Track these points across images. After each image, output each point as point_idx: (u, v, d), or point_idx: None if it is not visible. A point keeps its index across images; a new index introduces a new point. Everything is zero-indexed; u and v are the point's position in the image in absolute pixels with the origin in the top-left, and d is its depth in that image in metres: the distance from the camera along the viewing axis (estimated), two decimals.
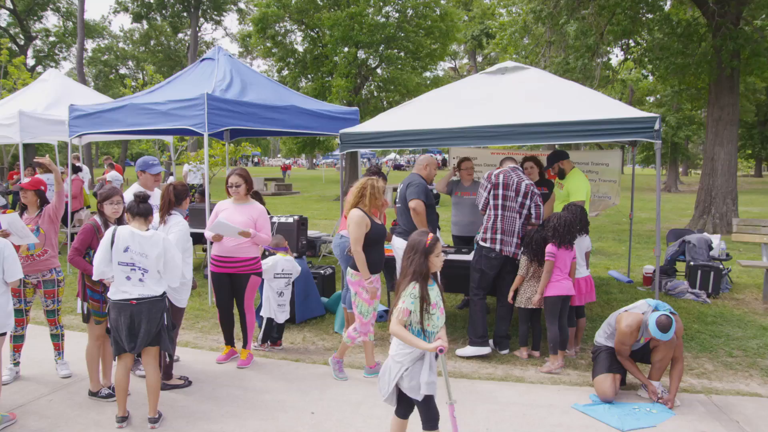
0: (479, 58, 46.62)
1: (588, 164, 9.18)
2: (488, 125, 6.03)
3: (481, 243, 6.00)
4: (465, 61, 52.09)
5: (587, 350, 6.03)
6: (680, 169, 42.36)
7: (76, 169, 12.46)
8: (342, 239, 6.36)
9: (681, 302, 7.93)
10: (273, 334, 6.21)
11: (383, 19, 26.33)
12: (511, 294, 5.90)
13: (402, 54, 27.02)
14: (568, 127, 5.76)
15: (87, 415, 4.64)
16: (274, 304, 6.09)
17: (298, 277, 6.46)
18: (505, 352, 6.03)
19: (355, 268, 5.19)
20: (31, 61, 45.65)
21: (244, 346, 5.78)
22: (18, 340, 5.35)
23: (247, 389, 5.16)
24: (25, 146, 11.15)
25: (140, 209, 4.39)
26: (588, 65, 14.06)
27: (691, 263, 8.48)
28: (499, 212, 5.92)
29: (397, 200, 6.48)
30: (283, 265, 6.09)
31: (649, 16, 14.40)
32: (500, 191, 5.93)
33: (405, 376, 3.52)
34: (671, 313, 4.69)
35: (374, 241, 5.21)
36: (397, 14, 26.97)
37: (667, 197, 27.64)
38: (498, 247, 5.89)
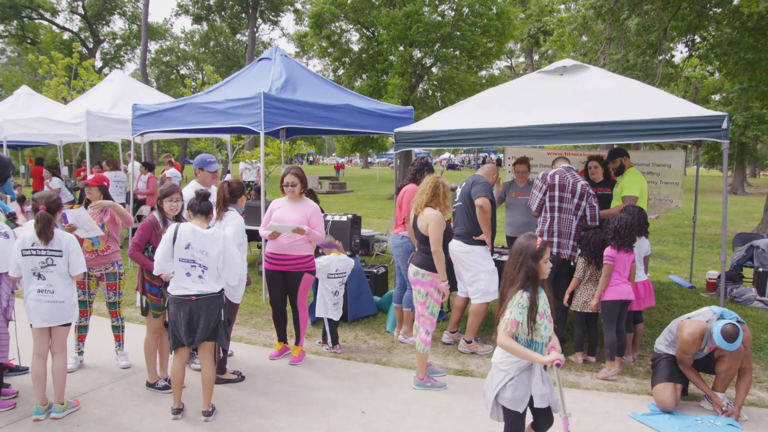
0: (536, 57, 45.85)
1: (648, 165, 8.86)
2: (545, 124, 5.89)
3: None
4: (521, 59, 51.31)
5: (645, 357, 5.83)
6: (747, 171, 40.60)
7: (150, 167, 12.85)
8: (403, 239, 6.33)
9: (748, 310, 7.58)
10: (336, 334, 6.19)
11: (439, 18, 26.19)
12: (566, 297, 5.76)
13: (457, 53, 26.81)
14: (628, 126, 5.56)
15: (144, 405, 4.77)
16: (330, 303, 6.09)
17: (351, 275, 6.47)
18: None
19: (427, 268, 5.10)
20: (98, 63, 47.48)
21: (297, 342, 5.83)
22: (82, 331, 5.57)
23: (299, 386, 5.20)
24: (92, 144, 11.57)
25: (201, 207, 4.48)
26: (649, 62, 13.59)
27: (760, 269, 8.09)
28: (555, 214, 5.78)
29: (456, 200, 6.31)
30: (337, 265, 6.09)
31: (717, 10, 13.82)
32: (556, 192, 5.78)
33: (509, 386, 3.37)
34: (738, 321, 4.47)
35: (445, 241, 5.16)
36: (453, 13, 26.79)
37: (734, 200, 26.53)
38: (554, 249, 5.75)
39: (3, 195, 5.34)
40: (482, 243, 6.00)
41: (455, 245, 6.01)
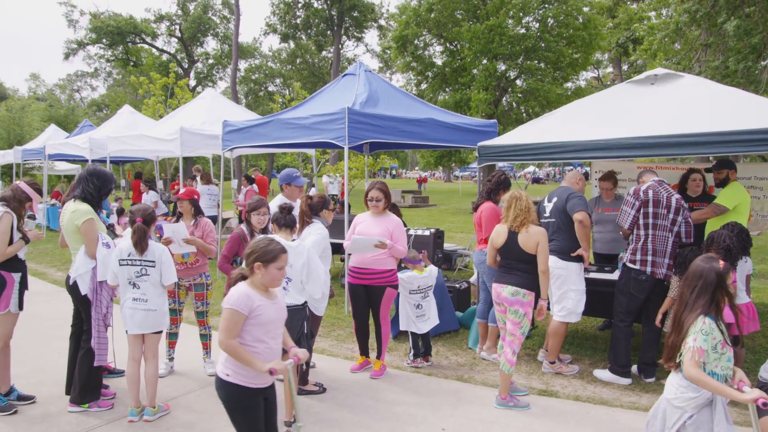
0: (625, 67, 44.30)
1: (750, 179, 8.30)
2: (635, 136, 5.62)
3: (630, 265, 5.56)
4: (609, 69, 49.72)
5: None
6: None
7: (251, 180, 13.33)
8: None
9: None
10: (419, 347, 6.16)
11: (523, 30, 25.86)
12: (659, 317, 5.46)
13: (542, 65, 26.36)
14: (728, 137, 5.21)
15: None
16: (413, 316, 6.06)
17: (434, 290, 6.40)
18: (651, 380, 5.58)
19: (528, 288, 4.98)
20: (192, 82, 49.94)
21: (378, 356, 5.83)
22: (172, 338, 5.81)
23: (379, 400, 5.18)
24: (185, 159, 12.10)
25: (286, 220, 4.59)
26: (752, 68, 12.79)
27: None
28: (650, 231, 5.48)
29: (547, 214, 6.10)
30: (419, 282, 6.05)
31: None
32: (650, 209, 5.48)
33: (689, 426, 3.13)
34: None
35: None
36: (538, 24, 26.39)
37: None
38: (649, 269, 5.46)
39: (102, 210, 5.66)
40: (579, 260, 5.81)
41: (551, 261, 5.80)
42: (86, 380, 4.83)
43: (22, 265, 5.00)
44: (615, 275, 6.23)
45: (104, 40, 49.56)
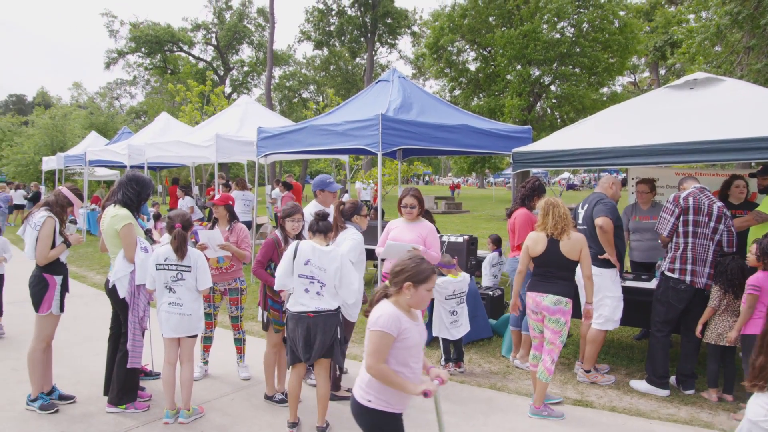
0: (662, 71, 43.56)
1: None
2: (673, 142, 5.47)
3: (668, 274, 5.44)
4: (646, 74, 48.93)
5: None
6: None
7: (288, 186, 13.48)
8: None
9: None
10: (450, 353, 6.14)
11: (558, 35, 25.62)
12: (699, 328, 5.32)
13: (577, 70, 26.07)
14: None
15: (262, 416, 4.93)
16: (447, 322, 6.04)
17: (467, 297, 6.37)
18: (690, 392, 5.44)
19: (570, 296, 4.93)
20: (228, 90, 50.73)
21: None
22: (207, 342, 5.88)
23: (411, 407, 5.14)
24: (220, 165, 12.29)
25: (320, 227, 4.62)
26: None
27: None
28: (690, 239, 5.34)
29: (580, 221, 6.04)
30: (454, 287, 6.03)
31: None
32: (690, 216, 5.35)
33: None
34: None
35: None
36: (573, 29, 26.11)
37: None
38: (688, 278, 5.33)
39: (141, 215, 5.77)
40: (612, 266, 5.71)
41: (579, 271, 5.75)
42: (124, 382, 4.92)
43: (64, 269, 5.13)
44: (652, 284, 6.11)
45: (143, 49, 50.80)
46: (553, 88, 27.44)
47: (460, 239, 8.46)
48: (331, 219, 5.45)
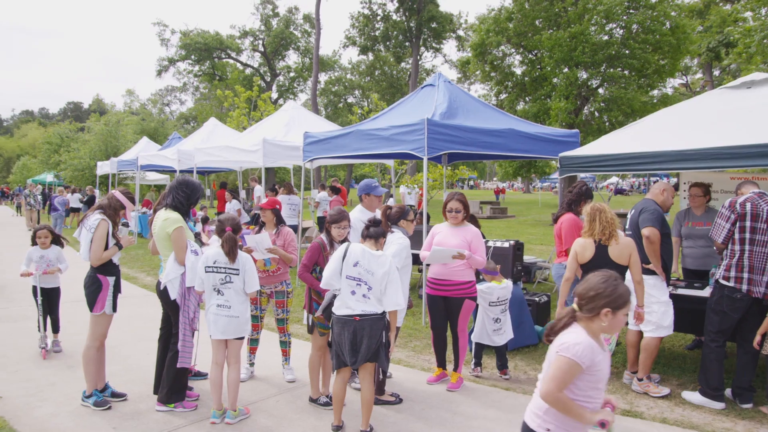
0: (716, 72, 42.29)
1: None
2: (728, 145, 5.28)
3: (723, 282, 5.25)
4: (699, 75, 47.56)
5: None
6: None
7: (336, 191, 13.61)
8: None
9: None
10: (481, 358, 6.09)
11: (606, 37, 25.13)
12: (757, 339, 5.12)
13: (626, 72, 25.51)
14: None
15: (307, 419, 4.96)
16: (490, 329, 5.99)
17: (512, 303, 6.30)
18: (748, 406, 5.22)
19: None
20: (274, 95, 51.49)
21: (455, 369, 5.76)
22: (253, 344, 5.96)
23: (456, 413, 5.12)
24: (266, 169, 12.47)
25: (371, 232, 4.65)
26: None
27: None
28: (746, 247, 5.14)
29: (627, 228, 5.93)
30: (498, 293, 5.98)
31: None
32: (747, 222, 5.15)
33: None
34: None
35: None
36: (622, 31, 25.57)
37: None
38: (745, 287, 5.13)
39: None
40: (656, 272, 5.56)
41: (628, 275, 5.62)
42: (173, 382, 5.03)
43: (117, 270, 5.29)
44: (706, 292, 5.92)
45: (192, 57, 52.09)
46: (601, 91, 26.91)
47: (506, 244, 8.36)
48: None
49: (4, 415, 4.94)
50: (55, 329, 6.84)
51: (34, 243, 6.77)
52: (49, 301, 6.75)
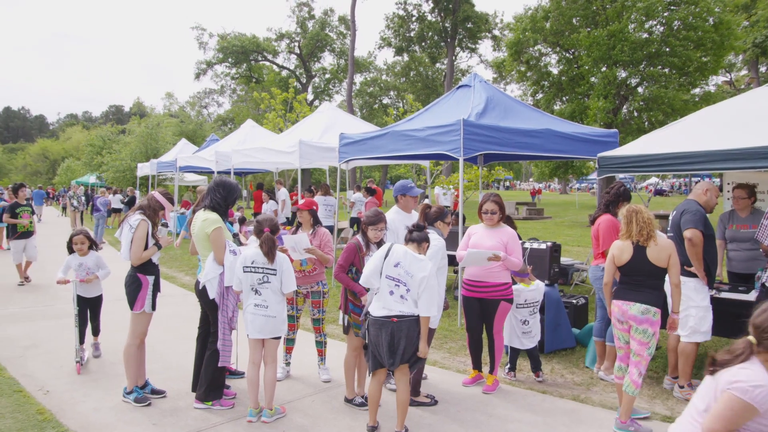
0: (762, 68, 41.04)
1: None
2: None
3: None
4: (743, 72, 46.24)
5: None
6: None
7: (371, 192, 13.67)
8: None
9: None
10: (516, 362, 6.04)
11: (646, 35, 24.63)
12: None
13: (666, 70, 24.96)
14: None
15: (342, 419, 4.98)
16: (518, 331, 5.94)
17: (549, 305, 6.23)
18: None
19: (658, 305, 4.72)
20: (310, 97, 51.91)
21: (491, 371, 5.72)
22: (290, 343, 6.01)
23: (491, 416, 5.08)
24: (303, 170, 12.56)
25: (413, 236, 4.67)
26: None
27: None
28: None
29: (668, 230, 5.82)
30: (526, 296, 5.92)
31: None
32: None
33: None
34: None
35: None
36: (662, 28, 25.04)
37: None
38: None
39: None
40: (697, 275, 5.43)
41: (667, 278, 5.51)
42: (211, 380, 5.10)
43: (156, 269, 5.40)
44: (751, 296, 5.75)
45: (230, 59, 52.82)
46: (640, 89, 26.40)
47: (543, 246, 8.26)
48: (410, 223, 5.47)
49: (51, 408, 5.09)
50: (95, 332, 6.76)
51: (70, 250, 6.58)
52: (92, 309, 6.60)
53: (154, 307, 5.32)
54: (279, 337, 4.95)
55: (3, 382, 5.76)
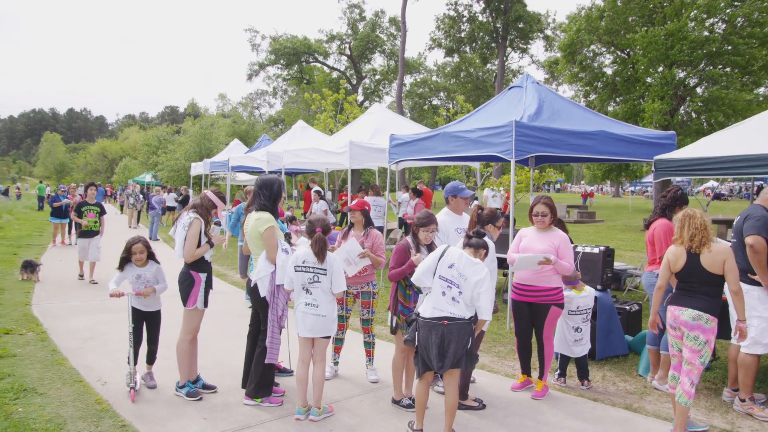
0: None
1: None
2: None
3: None
4: None
5: None
6: None
7: (419, 193, 13.70)
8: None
9: None
10: (566, 369, 5.94)
11: (706, 33, 23.81)
12: None
13: (728, 70, 24.07)
14: None
15: (389, 420, 4.98)
16: (570, 339, 5.82)
17: (601, 311, 6.09)
18: None
19: (712, 312, 4.56)
20: (360, 98, 52.22)
21: (541, 377, 5.63)
22: (338, 343, 6.05)
23: (540, 422, 5.00)
24: (352, 171, 12.63)
25: (472, 242, 4.66)
26: None
27: None
28: None
29: (732, 236, 5.63)
30: (578, 302, 5.79)
31: None
32: None
33: None
34: None
35: None
36: (724, 25, 24.15)
37: None
38: None
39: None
40: (761, 283, 5.21)
41: (729, 285, 5.29)
42: (261, 377, 5.18)
43: (208, 267, 5.51)
44: None
45: (281, 61, 53.63)
46: (699, 90, 25.55)
47: (596, 250, 8.08)
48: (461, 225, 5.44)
49: (108, 399, 5.27)
50: (151, 360, 5.72)
51: (126, 260, 5.62)
52: (148, 325, 5.68)
53: (206, 304, 5.43)
54: (329, 337, 4.99)
55: (65, 373, 5.99)
